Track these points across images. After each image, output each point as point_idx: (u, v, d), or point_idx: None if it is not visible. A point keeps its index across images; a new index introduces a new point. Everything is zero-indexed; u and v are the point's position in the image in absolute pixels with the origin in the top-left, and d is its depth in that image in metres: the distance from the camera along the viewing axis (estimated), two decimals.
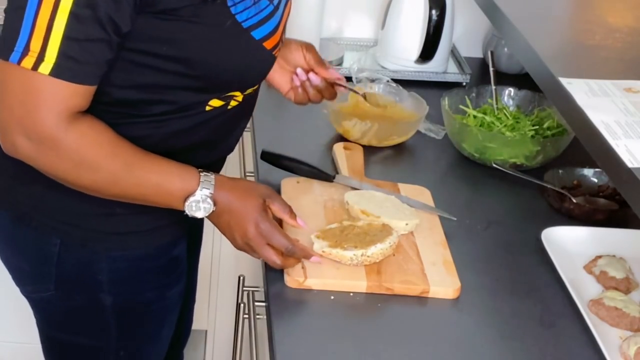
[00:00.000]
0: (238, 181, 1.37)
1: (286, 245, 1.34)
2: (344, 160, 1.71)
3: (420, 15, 2.08)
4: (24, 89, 1.17)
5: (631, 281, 1.45)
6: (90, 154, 1.22)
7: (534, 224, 1.57)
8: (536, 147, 1.74)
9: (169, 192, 1.28)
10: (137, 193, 1.28)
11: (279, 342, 1.25)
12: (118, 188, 1.26)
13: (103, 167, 1.24)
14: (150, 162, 1.27)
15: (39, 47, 1.14)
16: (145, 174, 1.26)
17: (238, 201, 1.32)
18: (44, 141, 1.19)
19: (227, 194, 1.31)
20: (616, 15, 1.61)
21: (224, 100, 1.33)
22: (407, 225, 1.48)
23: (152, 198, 1.29)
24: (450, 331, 1.31)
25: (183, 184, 1.28)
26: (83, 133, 1.21)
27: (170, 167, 1.29)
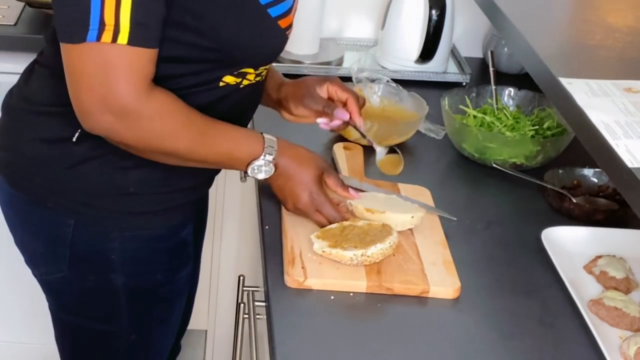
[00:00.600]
0: (299, 148, 1.44)
1: (335, 217, 1.44)
2: (344, 160, 1.71)
3: (420, 15, 2.08)
4: (103, 66, 1.20)
5: (631, 281, 1.45)
6: (169, 123, 1.27)
7: (534, 224, 1.57)
8: (536, 147, 1.74)
9: (238, 157, 1.36)
10: (210, 158, 1.34)
11: (279, 342, 1.25)
12: (195, 154, 1.32)
13: (182, 134, 1.29)
14: (221, 129, 1.34)
15: (113, 19, 1.18)
16: (217, 140, 1.33)
17: (297, 169, 1.41)
18: (127, 114, 1.23)
19: (287, 160, 1.40)
20: (616, 15, 1.61)
21: (237, 77, 1.36)
22: (413, 218, 1.48)
23: (222, 163, 1.38)
24: (450, 331, 1.31)
25: (249, 149, 1.36)
26: (160, 102, 1.25)
27: (238, 133, 1.36)
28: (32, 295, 2.31)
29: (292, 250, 1.41)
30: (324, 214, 1.44)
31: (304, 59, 2.12)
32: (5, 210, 1.50)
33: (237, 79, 1.37)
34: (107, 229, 1.40)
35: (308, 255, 1.40)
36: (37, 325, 2.39)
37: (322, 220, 1.45)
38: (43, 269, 1.49)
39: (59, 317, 1.54)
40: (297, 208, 1.44)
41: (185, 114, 1.29)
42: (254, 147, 1.36)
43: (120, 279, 1.44)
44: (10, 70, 2.02)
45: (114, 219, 1.40)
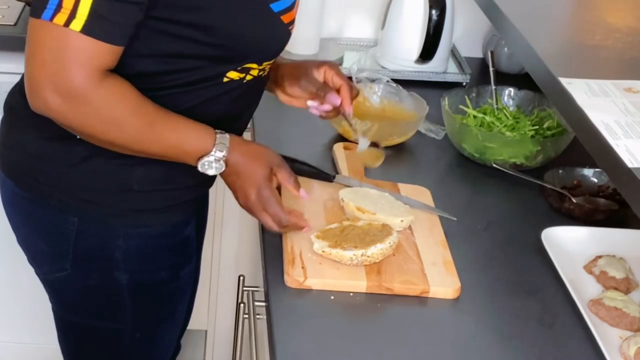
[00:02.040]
0: (251, 145, 1.41)
1: (280, 216, 1.40)
2: (344, 160, 1.71)
3: (420, 15, 2.08)
4: (56, 46, 1.20)
5: (631, 281, 1.45)
6: (117, 111, 1.26)
7: (534, 224, 1.57)
8: (536, 147, 1.74)
9: (186, 151, 1.33)
10: (157, 150, 1.33)
11: (279, 342, 1.25)
12: (140, 145, 1.31)
13: (129, 124, 1.28)
14: (171, 122, 1.32)
15: (71, 4, 1.18)
16: (166, 132, 1.31)
17: (246, 165, 1.37)
18: (74, 97, 1.22)
19: (238, 157, 1.36)
20: (616, 15, 1.61)
21: (241, 73, 1.36)
22: (402, 221, 1.48)
23: (170, 155, 1.34)
24: (450, 331, 1.31)
25: (199, 144, 1.33)
26: (111, 90, 1.25)
27: (189, 127, 1.33)
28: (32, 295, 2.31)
29: (292, 250, 1.41)
30: (270, 213, 1.40)
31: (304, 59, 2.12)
32: (8, 210, 1.50)
33: (240, 74, 1.37)
34: (111, 227, 1.41)
35: (308, 255, 1.40)
36: (38, 325, 2.39)
37: (268, 221, 1.40)
38: (46, 268, 1.49)
39: (62, 316, 1.54)
40: (246, 205, 1.41)
41: (134, 104, 1.28)
42: (204, 143, 1.34)
43: (124, 276, 1.44)
44: (10, 70, 2.03)
45: (118, 216, 1.40)
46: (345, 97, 1.51)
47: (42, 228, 1.44)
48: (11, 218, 1.50)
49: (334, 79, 1.52)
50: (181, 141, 1.32)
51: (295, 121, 1.88)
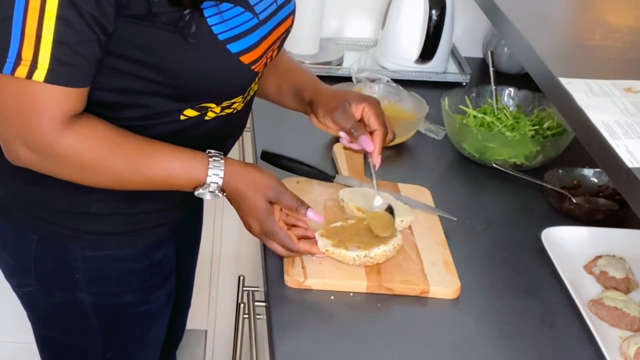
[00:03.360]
0: (248, 173, 1.33)
1: (289, 246, 1.36)
2: (344, 160, 1.71)
3: (420, 15, 2.08)
4: (19, 99, 1.16)
5: (631, 281, 1.45)
6: (89, 157, 1.22)
7: (534, 224, 1.57)
8: (536, 147, 1.74)
9: (176, 184, 1.29)
10: (145, 186, 1.29)
11: (279, 342, 1.25)
12: (125, 185, 1.28)
13: (104, 168, 1.24)
14: (156, 157, 1.26)
15: (30, 54, 1.13)
16: (150, 169, 1.26)
17: (245, 196, 1.33)
18: (42, 149, 1.19)
19: (235, 186, 1.31)
20: (616, 15, 1.61)
21: (198, 111, 1.30)
22: (402, 221, 1.48)
23: (162, 188, 1.30)
24: (450, 331, 1.31)
25: (190, 176, 1.28)
26: (80, 136, 1.20)
27: (177, 158, 1.27)
28: None
29: None
30: (278, 243, 1.36)
31: (304, 59, 2.12)
32: None
33: (197, 112, 1.31)
34: (69, 248, 1.36)
35: (308, 255, 1.40)
36: None
37: (277, 249, 1.36)
38: (14, 282, 1.46)
39: (36, 329, 1.51)
40: (252, 233, 1.37)
41: (110, 145, 1.23)
42: (196, 174, 1.28)
43: (88, 297, 1.41)
44: None
45: (76, 238, 1.36)
46: (377, 144, 1.44)
47: (6, 242, 1.42)
48: None
49: (370, 121, 1.45)
50: (169, 175, 1.27)
51: (295, 121, 1.88)
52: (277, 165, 1.65)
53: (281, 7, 1.36)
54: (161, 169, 1.27)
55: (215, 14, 1.21)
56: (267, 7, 1.31)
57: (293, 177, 1.63)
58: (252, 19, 1.27)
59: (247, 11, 1.26)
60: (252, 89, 1.39)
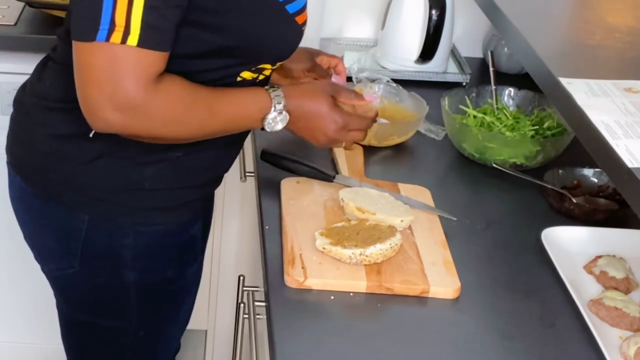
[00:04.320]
0: (302, 86, 1.47)
1: (367, 124, 1.48)
2: (344, 160, 1.71)
3: (420, 15, 2.08)
4: (111, 64, 1.21)
5: (631, 281, 1.45)
6: (178, 110, 1.29)
7: (534, 224, 1.57)
8: (536, 147, 1.74)
9: (250, 117, 1.37)
10: (223, 128, 1.36)
11: (279, 342, 1.25)
12: (207, 130, 1.35)
13: (191, 117, 1.31)
14: (225, 98, 1.34)
15: (123, 21, 1.19)
16: (224, 109, 1.34)
17: (309, 105, 1.41)
18: (135, 109, 1.24)
19: (297, 101, 1.40)
20: (616, 15, 1.61)
21: (255, 73, 1.39)
22: (402, 222, 1.48)
23: (236, 126, 1.39)
24: (450, 331, 1.31)
25: (258, 106, 1.36)
26: (166, 92, 1.27)
27: (243, 95, 1.37)
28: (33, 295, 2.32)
29: (292, 250, 1.41)
30: (356, 128, 1.46)
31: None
32: (16, 206, 1.51)
33: (254, 74, 1.39)
34: (121, 225, 1.42)
35: (308, 255, 1.40)
36: (38, 325, 2.39)
37: (357, 135, 1.47)
38: (53, 265, 1.49)
39: (67, 313, 1.55)
40: (330, 138, 1.44)
41: (192, 96, 1.30)
42: (262, 103, 1.37)
43: (132, 275, 1.46)
44: (10, 70, 2.03)
45: (128, 214, 1.42)
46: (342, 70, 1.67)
47: (52, 225, 1.45)
48: (19, 215, 1.51)
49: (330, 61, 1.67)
50: (240, 110, 1.36)
51: None
52: (277, 165, 1.66)
53: None
54: (232, 106, 1.35)
55: None
56: None
57: (293, 177, 1.63)
58: None
59: None
60: None
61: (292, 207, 1.53)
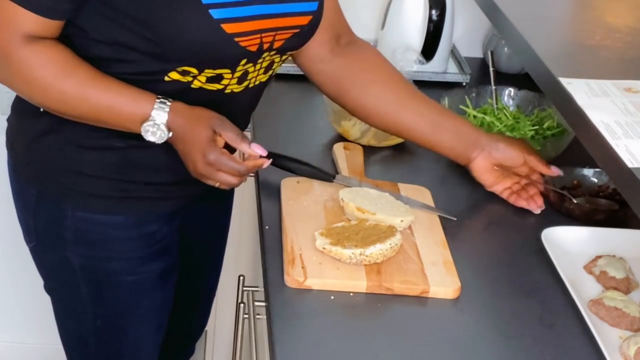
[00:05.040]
0: (194, 109, 1.34)
1: (238, 169, 1.34)
2: (344, 160, 1.71)
3: (420, 15, 2.08)
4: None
5: (631, 281, 1.45)
6: (39, 73, 1.28)
7: (534, 224, 1.57)
8: (536, 147, 1.74)
9: (121, 114, 1.31)
10: (89, 113, 1.32)
11: (279, 342, 1.25)
12: (69, 107, 1.31)
13: (52, 85, 1.28)
14: (105, 84, 1.30)
15: None
16: (97, 94, 1.30)
17: (188, 130, 1.32)
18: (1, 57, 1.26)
19: (180, 122, 1.32)
20: (616, 15, 1.61)
21: (182, 75, 1.32)
22: (402, 222, 1.48)
23: (106, 119, 1.32)
24: (450, 331, 1.31)
25: (136, 107, 1.30)
26: (36, 52, 1.26)
27: (126, 90, 1.31)
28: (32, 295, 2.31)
29: (292, 250, 1.41)
30: (225, 170, 1.33)
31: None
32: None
33: (182, 77, 1.33)
34: (62, 205, 1.42)
35: (308, 255, 1.40)
36: (38, 325, 2.39)
37: (227, 178, 1.34)
38: (25, 237, 1.53)
39: (44, 281, 1.57)
40: (197, 172, 1.34)
41: (65, 66, 1.28)
42: (141, 107, 1.30)
43: (76, 258, 1.46)
44: None
45: (68, 196, 1.42)
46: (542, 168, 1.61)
47: (17, 198, 1.50)
48: None
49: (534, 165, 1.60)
50: (114, 103, 1.30)
51: (295, 121, 1.88)
52: (277, 165, 1.65)
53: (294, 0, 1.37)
54: (108, 95, 1.30)
55: None
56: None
57: (293, 177, 1.63)
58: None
59: None
60: (251, 75, 1.39)
61: (292, 207, 1.53)
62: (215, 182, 1.35)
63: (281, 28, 1.36)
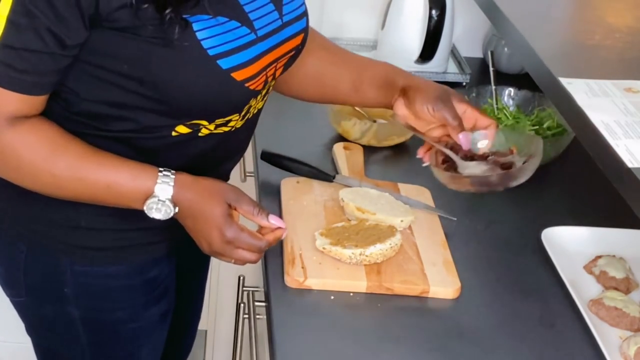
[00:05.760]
0: (201, 181, 1.26)
1: (257, 245, 1.27)
2: (344, 160, 1.71)
3: (420, 15, 2.08)
4: None
5: (631, 281, 1.45)
6: (27, 157, 1.19)
7: (534, 224, 1.57)
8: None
9: (121, 193, 1.22)
10: (87, 194, 1.23)
11: (279, 342, 1.25)
12: (64, 191, 1.23)
13: (42, 169, 1.20)
14: (99, 162, 1.21)
15: None
16: (92, 174, 1.21)
17: (200, 206, 1.24)
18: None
19: (188, 196, 1.23)
20: (616, 15, 1.61)
21: (190, 128, 1.26)
22: (402, 222, 1.48)
23: (106, 199, 1.24)
24: (451, 331, 1.31)
25: (136, 184, 1.22)
26: (22, 135, 1.17)
27: (123, 166, 1.22)
28: None
29: (292, 250, 1.41)
30: (245, 247, 1.26)
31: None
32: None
33: (190, 129, 1.26)
34: (58, 261, 1.34)
35: (308, 255, 1.40)
36: None
37: (246, 255, 1.27)
38: (7, 291, 1.45)
39: (31, 337, 1.50)
40: (212, 249, 1.27)
41: (53, 147, 1.19)
42: (142, 183, 1.21)
43: (76, 312, 1.38)
44: None
45: (65, 251, 1.33)
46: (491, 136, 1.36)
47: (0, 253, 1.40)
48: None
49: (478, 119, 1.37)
50: (112, 182, 1.21)
51: (295, 121, 1.88)
52: (277, 165, 1.66)
53: (288, 24, 1.31)
54: (105, 174, 1.21)
55: (206, 28, 1.16)
56: (270, 22, 1.26)
57: (293, 177, 1.63)
58: (249, 34, 1.22)
59: (243, 26, 1.21)
60: (253, 107, 1.33)
61: (292, 207, 1.53)
62: (232, 259, 1.28)
63: (280, 57, 1.31)
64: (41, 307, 1.41)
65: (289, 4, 1.32)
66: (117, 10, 1.11)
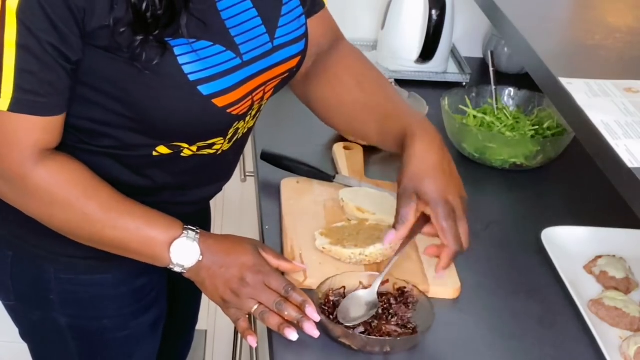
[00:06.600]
0: (225, 236, 1.29)
1: (283, 286, 1.24)
2: (344, 160, 1.71)
3: (420, 15, 2.08)
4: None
5: (631, 281, 1.45)
6: (61, 193, 1.19)
7: (534, 224, 1.57)
8: (536, 147, 1.74)
9: (150, 236, 1.22)
10: (115, 237, 1.23)
11: (279, 343, 1.25)
12: (93, 230, 1.22)
13: (75, 206, 1.20)
14: (130, 207, 1.23)
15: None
16: (122, 216, 1.22)
17: (227, 251, 1.25)
18: (13, 179, 1.17)
19: (213, 244, 1.25)
20: (616, 15, 1.61)
21: (171, 149, 1.25)
22: None
23: (133, 244, 1.23)
24: (450, 331, 1.31)
25: (166, 227, 1.23)
26: (53, 171, 1.18)
27: (152, 213, 1.24)
28: None
29: (292, 250, 1.41)
30: (275, 286, 1.24)
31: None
32: None
33: (170, 150, 1.26)
34: (43, 268, 1.34)
35: (308, 255, 1.40)
36: None
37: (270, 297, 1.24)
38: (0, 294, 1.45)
39: (26, 342, 1.50)
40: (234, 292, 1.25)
41: (85, 186, 1.20)
42: (170, 226, 1.23)
43: (63, 319, 1.38)
44: None
45: (49, 259, 1.33)
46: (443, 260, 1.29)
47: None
48: None
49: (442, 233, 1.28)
50: (142, 224, 1.22)
51: (295, 121, 1.88)
52: (277, 165, 1.66)
53: (280, 47, 1.28)
54: (136, 215, 1.22)
55: (188, 53, 1.15)
56: (259, 46, 1.24)
57: (293, 177, 1.63)
58: (234, 58, 1.19)
59: (228, 50, 1.19)
60: (242, 129, 1.32)
61: (292, 207, 1.53)
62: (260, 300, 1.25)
63: (270, 80, 1.28)
64: (29, 313, 1.41)
65: (286, 27, 1.29)
66: (98, 29, 1.11)
